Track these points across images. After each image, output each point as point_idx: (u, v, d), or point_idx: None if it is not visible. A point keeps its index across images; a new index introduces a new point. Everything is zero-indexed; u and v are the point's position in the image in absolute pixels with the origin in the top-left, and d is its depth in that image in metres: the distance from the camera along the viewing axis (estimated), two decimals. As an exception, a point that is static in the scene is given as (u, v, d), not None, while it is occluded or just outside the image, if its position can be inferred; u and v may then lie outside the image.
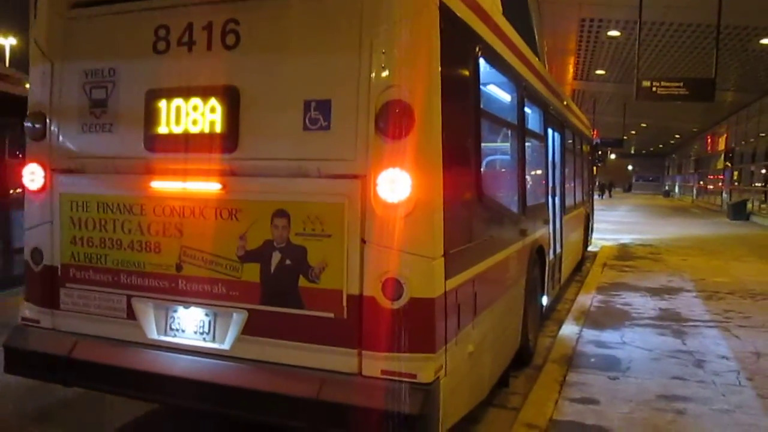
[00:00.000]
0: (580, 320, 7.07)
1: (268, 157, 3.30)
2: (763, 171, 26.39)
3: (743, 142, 29.47)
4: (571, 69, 21.88)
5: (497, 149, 5.36)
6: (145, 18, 3.55)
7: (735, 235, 18.60)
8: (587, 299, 8.28)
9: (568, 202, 8.59)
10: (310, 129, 3.17)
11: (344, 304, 3.12)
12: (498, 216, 4.40)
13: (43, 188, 3.84)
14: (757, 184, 26.90)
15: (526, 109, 5.55)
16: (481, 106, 3.94)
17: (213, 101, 3.39)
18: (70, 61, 3.76)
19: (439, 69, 3.12)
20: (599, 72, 22.17)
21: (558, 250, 7.53)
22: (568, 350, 5.89)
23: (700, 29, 15.51)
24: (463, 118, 3.62)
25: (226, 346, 3.40)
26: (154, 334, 3.58)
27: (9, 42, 34.77)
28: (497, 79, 4.55)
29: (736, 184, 29.09)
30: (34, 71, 3.87)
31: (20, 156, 5.53)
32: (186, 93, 3.45)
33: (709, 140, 39.87)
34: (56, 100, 3.81)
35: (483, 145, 3.92)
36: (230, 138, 3.35)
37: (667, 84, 13.66)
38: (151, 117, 3.53)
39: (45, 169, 3.83)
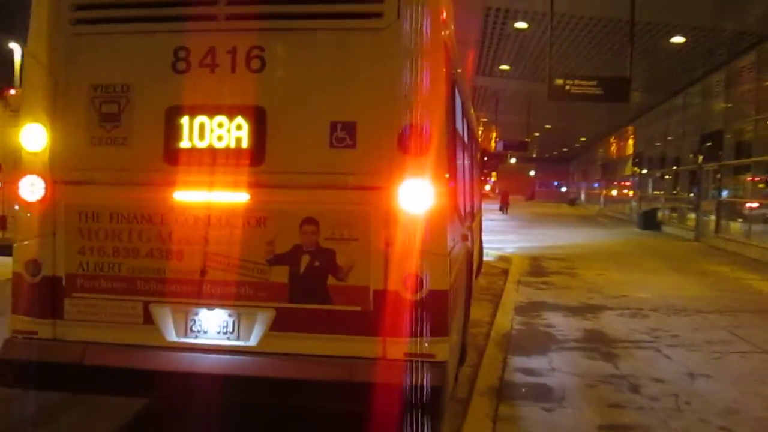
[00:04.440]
0: (502, 345, 7.31)
1: (296, 171, 4.14)
2: (668, 177, 28.51)
3: (651, 146, 31.71)
4: (472, 63, 22.66)
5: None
6: (162, 39, 4.23)
7: (648, 246, 19.98)
8: (506, 321, 8.58)
9: (476, 209, 9.36)
10: (337, 146, 4.08)
11: (371, 298, 4.06)
12: (461, 221, 5.46)
13: (45, 199, 4.37)
14: (657, 192, 29.05)
15: (464, 125, 6.63)
16: (456, 126, 5.05)
17: (239, 119, 4.16)
18: (75, 75, 4.34)
19: (446, 97, 4.23)
20: (503, 67, 23.11)
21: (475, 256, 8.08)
22: (495, 380, 6.07)
23: (612, 24, 16.58)
24: (451, 137, 4.58)
25: (252, 342, 4.17)
26: (172, 336, 4.24)
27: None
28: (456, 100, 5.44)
29: (651, 191, 31.17)
30: (31, 83, 4.41)
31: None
32: (210, 111, 4.18)
33: (616, 144, 42.58)
34: (58, 112, 4.35)
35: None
36: (257, 153, 4.15)
37: (581, 83, 14.51)
38: (172, 132, 4.21)
39: (46, 180, 4.36)
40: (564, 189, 72.84)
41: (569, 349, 7.29)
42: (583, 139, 49.57)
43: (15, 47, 39.59)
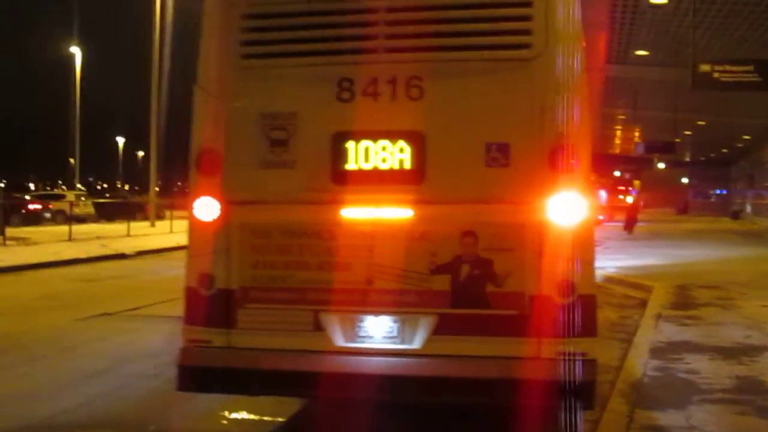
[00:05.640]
0: (630, 397, 7.08)
1: (455, 188, 5.28)
2: None
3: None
4: (602, 49, 22.21)
5: None
6: (326, 70, 5.42)
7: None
8: (638, 366, 8.29)
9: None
10: (491, 166, 5.21)
11: (526, 302, 5.14)
12: None
13: (219, 219, 5.48)
14: None
15: None
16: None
17: (401, 143, 5.32)
18: (244, 104, 5.53)
19: (589, 122, 5.29)
20: (640, 53, 22.56)
21: None
22: (616, 441, 5.85)
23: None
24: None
25: (416, 345, 5.27)
26: (341, 341, 5.35)
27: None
28: None
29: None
30: (202, 112, 5.60)
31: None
32: (373, 136, 5.35)
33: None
34: (229, 139, 5.50)
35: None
36: (418, 172, 5.30)
37: (733, 68, 13.91)
38: (339, 155, 5.38)
39: (220, 201, 5.46)
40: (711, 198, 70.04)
41: (715, 401, 6.96)
42: (746, 137, 47.65)
43: (76, 51, 43.19)
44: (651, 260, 20.92)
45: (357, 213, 5.37)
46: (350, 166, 5.38)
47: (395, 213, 5.33)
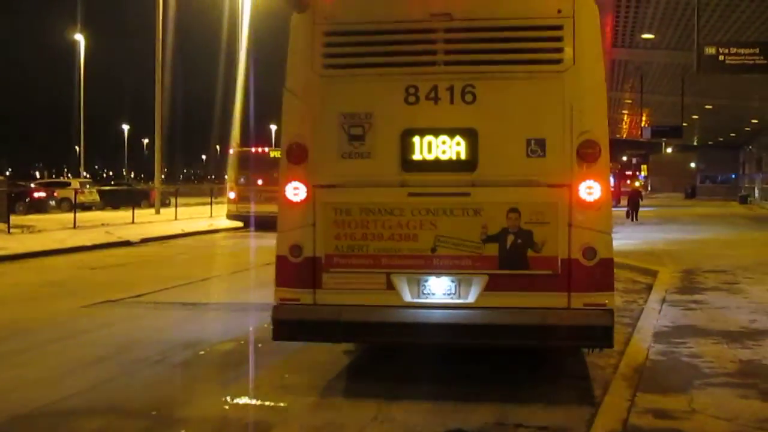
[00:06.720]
0: (632, 380, 7.09)
1: (502, 174, 6.73)
2: None
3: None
4: (609, 32, 22.09)
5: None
6: (395, 79, 6.81)
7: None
8: (641, 350, 8.29)
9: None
10: (531, 156, 6.68)
11: (559, 264, 6.62)
12: None
13: (306, 199, 6.86)
14: None
15: None
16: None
17: (458, 138, 6.77)
18: (327, 106, 6.87)
19: (607, 120, 6.94)
20: (647, 36, 22.42)
21: None
22: (617, 424, 5.90)
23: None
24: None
25: (470, 300, 6.76)
26: (408, 297, 6.82)
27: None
28: None
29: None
30: (290, 112, 7.03)
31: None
32: (435, 132, 6.78)
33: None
34: (315, 134, 6.87)
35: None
36: (472, 161, 6.76)
37: (740, 51, 13.82)
38: (407, 148, 6.81)
39: (307, 185, 6.84)
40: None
41: (717, 385, 6.96)
42: (755, 120, 47.40)
43: (80, 38, 44.05)
44: (657, 245, 20.88)
45: (422, 194, 6.78)
46: (416, 156, 6.79)
47: (453, 194, 6.75)
